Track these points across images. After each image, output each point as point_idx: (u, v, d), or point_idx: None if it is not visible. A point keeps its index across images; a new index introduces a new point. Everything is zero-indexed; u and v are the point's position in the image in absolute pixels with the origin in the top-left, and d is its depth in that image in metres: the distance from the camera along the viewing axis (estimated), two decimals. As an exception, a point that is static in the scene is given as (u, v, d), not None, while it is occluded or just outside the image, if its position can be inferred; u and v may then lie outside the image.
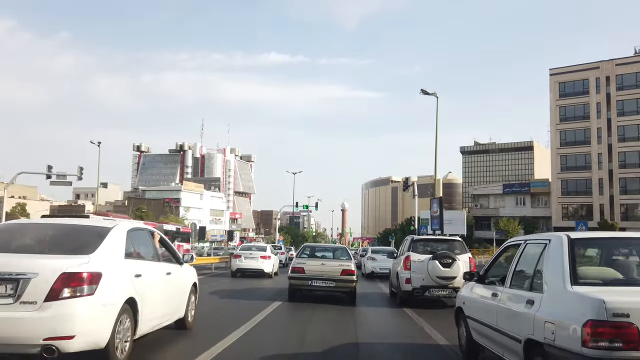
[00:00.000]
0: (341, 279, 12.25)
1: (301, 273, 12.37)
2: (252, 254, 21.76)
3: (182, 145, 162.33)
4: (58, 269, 4.46)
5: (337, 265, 12.60)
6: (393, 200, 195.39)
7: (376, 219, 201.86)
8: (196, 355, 5.73)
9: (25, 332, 4.30)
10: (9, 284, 4.37)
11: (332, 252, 14.61)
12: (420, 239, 13.26)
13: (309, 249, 14.56)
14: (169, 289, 6.56)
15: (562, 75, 63.10)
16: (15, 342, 4.33)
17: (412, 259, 11.75)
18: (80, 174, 35.46)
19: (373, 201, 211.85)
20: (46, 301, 4.36)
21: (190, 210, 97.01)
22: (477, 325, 5.67)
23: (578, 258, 4.28)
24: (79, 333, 4.44)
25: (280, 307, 11.11)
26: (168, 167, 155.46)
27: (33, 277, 4.38)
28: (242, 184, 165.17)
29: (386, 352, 6.80)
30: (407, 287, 11.62)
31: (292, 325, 8.95)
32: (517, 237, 6.01)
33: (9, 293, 4.36)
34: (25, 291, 4.36)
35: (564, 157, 62.81)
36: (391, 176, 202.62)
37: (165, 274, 6.46)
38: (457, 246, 12.29)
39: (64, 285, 4.43)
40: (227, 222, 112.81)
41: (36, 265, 4.50)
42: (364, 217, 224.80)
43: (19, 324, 4.29)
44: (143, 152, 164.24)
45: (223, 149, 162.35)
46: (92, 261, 4.76)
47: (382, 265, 22.92)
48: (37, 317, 4.31)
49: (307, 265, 12.47)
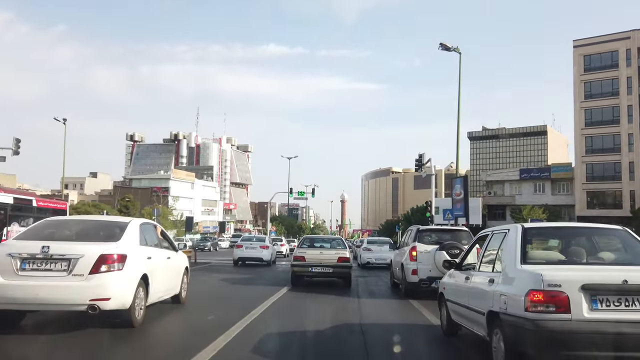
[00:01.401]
0: (338, 265, 13.59)
1: (302, 261, 13.68)
2: (253, 244, 23.46)
3: (176, 134, 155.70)
4: (97, 252, 6.34)
5: (334, 253, 13.94)
6: (394, 191, 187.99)
7: (376, 211, 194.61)
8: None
9: (76, 295, 6.18)
10: (63, 262, 6.23)
11: (330, 243, 15.81)
12: (426, 229, 12.65)
13: (308, 239, 16.30)
14: (168, 270, 8.36)
15: (588, 47, 55.55)
16: (70, 302, 6.21)
17: (419, 250, 11.39)
18: (17, 147, 28.19)
19: (373, 193, 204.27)
20: (90, 274, 6.22)
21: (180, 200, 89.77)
22: (454, 306, 6.35)
23: (529, 244, 5.14)
24: (112, 296, 6.28)
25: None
26: (162, 157, 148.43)
27: (80, 257, 6.23)
28: (238, 175, 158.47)
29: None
30: (413, 279, 11.31)
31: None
32: (486, 229, 6.54)
33: (64, 268, 6.21)
34: (75, 267, 6.20)
35: (589, 138, 55.40)
36: (391, 167, 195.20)
37: (166, 258, 8.33)
38: (464, 236, 11.85)
39: (101, 263, 6.29)
40: (221, 212, 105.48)
41: (82, 249, 6.37)
42: (364, 209, 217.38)
43: (72, 289, 6.16)
44: (137, 141, 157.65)
45: (219, 138, 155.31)
46: (120, 246, 6.63)
47: (377, 256, 22.86)
48: (84, 285, 6.18)
49: (307, 254, 13.83)
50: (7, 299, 6.06)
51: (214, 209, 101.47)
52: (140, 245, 7.17)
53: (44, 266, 6.18)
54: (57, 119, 43.70)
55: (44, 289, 6.06)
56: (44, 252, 6.16)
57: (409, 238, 12.65)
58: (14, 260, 6.15)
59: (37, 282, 6.07)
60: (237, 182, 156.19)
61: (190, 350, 5.53)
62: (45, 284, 6.08)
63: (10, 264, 6.13)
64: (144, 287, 6.99)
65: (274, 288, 12.85)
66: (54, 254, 6.17)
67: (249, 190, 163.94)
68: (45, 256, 6.16)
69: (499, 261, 5.21)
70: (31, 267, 6.17)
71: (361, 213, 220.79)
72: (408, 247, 11.94)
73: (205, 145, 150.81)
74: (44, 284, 6.08)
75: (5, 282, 6.06)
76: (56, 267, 6.18)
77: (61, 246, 6.32)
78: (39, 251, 6.16)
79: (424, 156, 32.60)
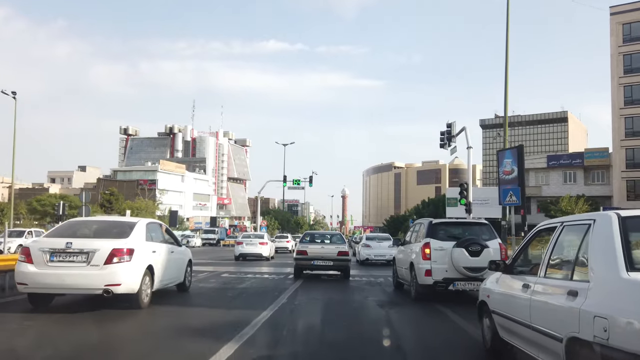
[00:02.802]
0: (337, 259, 14.26)
1: (305, 255, 14.40)
2: (252, 240, 24.81)
3: (171, 127, 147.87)
4: (110, 246, 7.68)
5: (334, 248, 14.64)
6: (396, 186, 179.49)
7: (378, 207, 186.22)
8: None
9: (94, 281, 7.56)
10: (83, 255, 7.59)
11: (330, 238, 16.69)
12: (440, 222, 10.46)
13: (309, 235, 16.74)
14: (172, 262, 9.55)
15: (628, 14, 47.33)
16: (89, 287, 7.67)
17: (433, 247, 9.51)
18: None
19: (375, 188, 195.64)
20: (105, 264, 7.56)
21: (169, 193, 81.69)
22: (505, 321, 4.78)
23: (633, 240, 3.33)
24: (122, 282, 7.62)
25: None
26: (157, 151, 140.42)
27: (97, 251, 7.59)
28: (236, 170, 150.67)
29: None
30: (427, 280, 9.46)
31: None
32: (551, 220, 4.81)
33: (84, 260, 7.57)
34: (93, 259, 7.55)
35: (630, 119, 47.25)
36: (394, 162, 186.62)
37: (170, 252, 9.47)
38: (485, 230, 10.00)
39: (114, 256, 7.61)
40: (214, 208, 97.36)
41: (98, 244, 7.74)
42: (365, 206, 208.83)
43: (90, 277, 7.55)
44: (131, 135, 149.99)
45: (216, 132, 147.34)
46: (128, 242, 7.94)
47: (376, 252, 22.29)
48: (100, 273, 7.54)
49: (309, 249, 14.58)
50: (39, 284, 7.62)
51: (206, 203, 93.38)
52: (146, 241, 8.52)
53: (68, 258, 7.63)
54: (5, 92, 36.76)
55: (68, 277, 7.57)
56: (68, 247, 7.64)
57: (418, 233, 10.76)
58: (44, 253, 7.63)
59: (63, 271, 7.57)
60: (234, 177, 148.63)
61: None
62: (69, 273, 7.57)
63: (41, 256, 7.61)
64: (149, 276, 8.32)
65: None
66: (75, 248, 7.66)
67: (247, 186, 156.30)
68: (69, 250, 7.64)
69: (582, 266, 3.50)
70: (58, 259, 7.62)
71: (362, 209, 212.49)
72: (419, 243, 10.06)
73: (202, 138, 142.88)
74: (68, 272, 7.57)
75: (38, 271, 7.57)
76: (77, 259, 7.62)
77: (81, 242, 7.86)
78: (63, 246, 7.64)
79: (454, 126, 24.39)
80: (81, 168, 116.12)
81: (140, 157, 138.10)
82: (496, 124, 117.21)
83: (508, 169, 19.72)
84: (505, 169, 19.96)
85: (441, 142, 25.51)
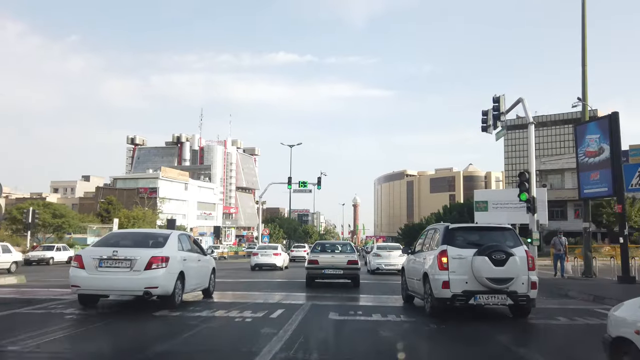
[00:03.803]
0: (347, 267, 14.66)
1: (316, 264, 14.80)
2: (267, 252, 25.88)
3: (179, 137, 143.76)
4: (149, 255, 8.83)
5: (344, 257, 15.00)
6: (408, 195, 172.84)
7: (390, 216, 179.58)
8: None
9: (136, 284, 8.71)
10: (127, 262, 8.73)
11: (340, 247, 16.76)
12: (457, 227, 9.30)
13: (320, 245, 16.94)
14: (199, 269, 10.69)
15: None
16: (132, 289, 8.90)
17: (451, 255, 8.41)
18: None
19: (386, 197, 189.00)
20: (145, 270, 8.70)
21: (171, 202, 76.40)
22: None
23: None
24: (160, 285, 8.78)
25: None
26: (164, 161, 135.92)
27: (138, 258, 8.74)
28: (245, 179, 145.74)
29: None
30: (444, 294, 8.27)
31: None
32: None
33: (127, 266, 8.72)
34: (135, 265, 8.70)
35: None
36: (406, 169, 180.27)
37: (197, 260, 10.61)
38: (509, 236, 8.82)
39: (152, 263, 8.75)
40: (220, 217, 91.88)
41: (139, 253, 8.88)
42: (377, 215, 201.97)
43: (133, 280, 8.70)
44: (138, 145, 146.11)
45: (224, 140, 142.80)
46: (164, 251, 9.10)
47: (387, 262, 22.27)
48: (141, 278, 8.68)
49: (320, 258, 14.97)
50: (90, 287, 8.90)
51: (212, 213, 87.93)
52: (178, 250, 9.64)
53: (114, 265, 8.78)
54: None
55: (114, 280, 8.77)
56: (114, 255, 8.79)
57: (432, 240, 9.51)
58: (94, 260, 8.81)
59: (110, 276, 8.76)
60: (243, 186, 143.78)
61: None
62: (115, 277, 8.76)
63: (91, 263, 8.81)
64: (181, 280, 9.47)
65: None
66: (120, 256, 8.80)
67: (256, 196, 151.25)
68: (115, 257, 8.79)
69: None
70: (105, 265, 8.78)
71: (374, 218, 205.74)
72: (434, 251, 8.90)
73: (209, 148, 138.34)
74: (114, 276, 8.76)
75: (89, 275, 8.79)
76: (122, 265, 8.76)
77: (125, 251, 8.94)
78: (110, 254, 8.81)
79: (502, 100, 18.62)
80: (85, 178, 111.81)
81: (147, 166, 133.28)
82: (518, 124, 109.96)
83: (593, 149, 13.97)
84: (588, 149, 14.23)
85: (484, 124, 19.75)
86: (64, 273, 12.44)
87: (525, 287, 8.18)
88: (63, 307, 9.29)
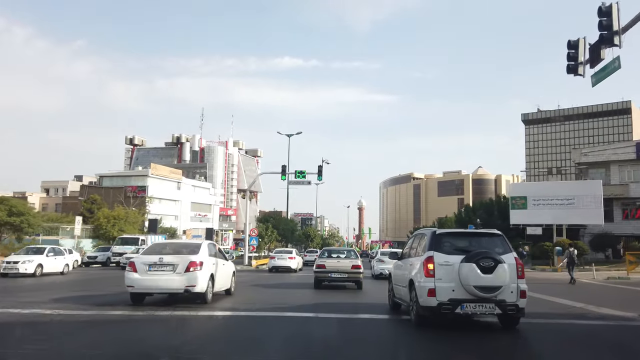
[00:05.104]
0: (351, 272, 16.15)
1: (323, 268, 16.35)
2: (282, 255, 28.49)
3: (178, 137, 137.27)
4: (188, 260, 10.85)
5: (349, 262, 16.53)
6: (415, 198, 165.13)
7: (396, 220, 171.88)
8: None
9: (178, 284, 10.70)
10: (170, 266, 10.80)
11: (345, 253, 18.47)
12: (445, 232, 8.76)
13: (327, 251, 18.65)
14: (223, 272, 12.66)
15: None
16: (175, 288, 10.80)
17: (437, 262, 8.02)
18: None
19: (392, 200, 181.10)
20: (185, 272, 10.72)
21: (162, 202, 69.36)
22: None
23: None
24: (197, 284, 10.77)
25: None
26: (163, 162, 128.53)
27: (179, 263, 10.82)
28: (247, 181, 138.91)
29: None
30: (430, 302, 7.90)
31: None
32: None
33: (171, 269, 10.78)
34: (177, 268, 10.75)
35: None
36: (412, 172, 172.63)
37: (222, 264, 12.65)
38: (498, 242, 8.40)
39: (190, 266, 10.75)
40: (216, 219, 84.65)
41: (180, 258, 10.94)
42: (382, 219, 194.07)
43: (176, 281, 10.71)
44: (137, 145, 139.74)
45: (225, 141, 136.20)
46: (199, 257, 11.08)
47: (390, 267, 21.10)
48: (182, 279, 10.70)
49: (327, 263, 16.54)
50: (142, 286, 10.85)
51: (207, 214, 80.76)
52: (209, 256, 11.66)
53: (160, 269, 10.83)
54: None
55: (161, 281, 10.79)
56: (160, 261, 10.88)
57: (418, 246, 9.10)
58: (144, 265, 10.86)
59: (157, 277, 10.79)
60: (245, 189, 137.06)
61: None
62: (161, 278, 10.77)
63: (143, 267, 10.84)
64: (212, 281, 11.52)
65: None
66: (165, 261, 10.88)
67: (258, 198, 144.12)
68: (160, 263, 10.86)
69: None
70: (153, 269, 10.83)
71: (379, 223, 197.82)
72: (420, 257, 8.54)
73: (210, 148, 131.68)
74: (160, 278, 10.78)
75: (141, 277, 10.77)
76: (166, 269, 10.82)
77: (168, 257, 11.02)
78: (157, 260, 10.91)
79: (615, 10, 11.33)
80: (77, 178, 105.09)
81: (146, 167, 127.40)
82: (541, 118, 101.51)
83: None
84: None
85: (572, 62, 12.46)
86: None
87: (514, 295, 7.85)
88: None
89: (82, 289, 15.21)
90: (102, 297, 12.60)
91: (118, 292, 13.34)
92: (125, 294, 11.31)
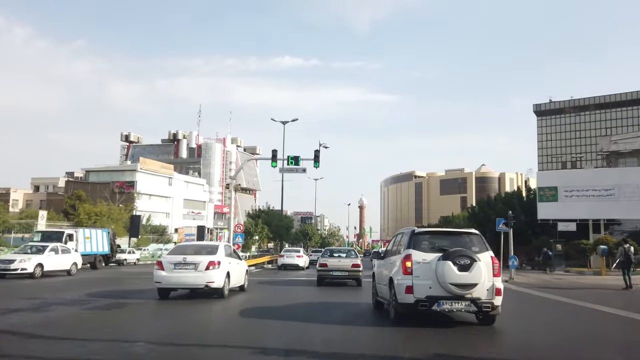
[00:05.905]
0: (351, 270, 17.56)
1: (325, 267, 17.71)
2: (291, 254, 31.72)
3: (175, 134, 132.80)
4: (207, 259, 12.28)
5: (349, 261, 17.98)
6: (417, 197, 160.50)
7: (397, 219, 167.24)
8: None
9: (199, 280, 12.22)
10: (192, 265, 12.23)
11: (345, 253, 19.57)
12: (423, 231, 9.03)
13: (329, 251, 20.31)
14: (237, 270, 14.02)
15: None
16: (197, 284, 12.33)
17: (415, 259, 8.20)
18: None
19: (393, 199, 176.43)
20: (205, 270, 12.16)
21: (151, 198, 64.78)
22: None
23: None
24: (215, 281, 12.27)
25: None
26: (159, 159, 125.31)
27: (200, 262, 12.36)
28: (245, 179, 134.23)
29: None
30: (407, 299, 8.06)
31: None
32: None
33: (193, 268, 12.21)
34: (198, 267, 12.20)
35: None
36: (414, 170, 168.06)
37: (237, 264, 14.12)
38: (475, 241, 8.54)
39: (210, 265, 12.21)
40: (211, 217, 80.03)
41: (200, 258, 12.33)
42: (384, 218, 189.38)
43: (197, 278, 12.20)
44: (132, 142, 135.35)
45: (223, 138, 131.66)
46: (217, 257, 12.54)
47: None
48: (203, 276, 12.17)
49: (329, 262, 17.92)
50: (168, 283, 12.27)
51: (201, 212, 76.17)
52: (225, 256, 13.05)
53: (184, 267, 12.23)
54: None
55: (184, 278, 12.21)
56: (184, 260, 12.29)
57: (399, 244, 9.31)
58: (170, 264, 12.27)
59: (181, 274, 12.20)
60: (243, 187, 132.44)
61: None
62: (185, 275, 12.18)
63: (169, 266, 12.25)
64: (228, 278, 12.89)
65: None
66: (188, 261, 12.27)
67: (257, 197, 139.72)
68: (184, 262, 12.26)
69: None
70: (178, 267, 12.23)
71: (381, 222, 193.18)
72: (399, 256, 8.75)
73: (208, 145, 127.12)
74: (184, 275, 12.18)
75: (167, 274, 12.19)
76: (189, 267, 12.21)
77: (191, 257, 12.41)
78: (181, 260, 12.30)
79: None
80: (69, 174, 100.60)
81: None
82: (553, 109, 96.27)
83: None
84: None
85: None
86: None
87: (489, 293, 7.93)
88: None
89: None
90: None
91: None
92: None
